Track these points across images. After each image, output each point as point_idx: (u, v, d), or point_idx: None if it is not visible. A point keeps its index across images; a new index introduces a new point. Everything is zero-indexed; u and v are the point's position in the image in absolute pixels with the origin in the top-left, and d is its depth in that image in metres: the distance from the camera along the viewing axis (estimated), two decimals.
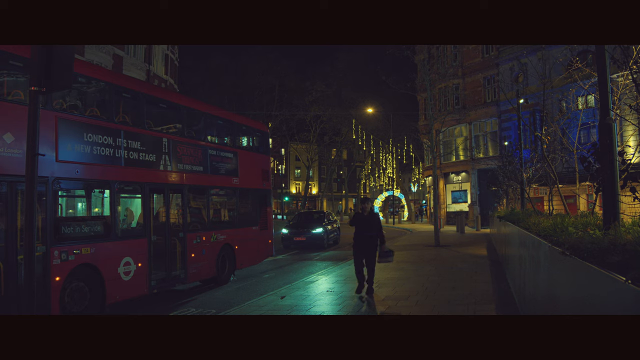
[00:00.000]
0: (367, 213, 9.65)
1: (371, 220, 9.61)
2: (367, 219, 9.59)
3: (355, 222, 9.73)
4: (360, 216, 9.67)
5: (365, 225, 9.54)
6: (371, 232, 9.51)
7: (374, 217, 9.76)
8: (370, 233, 9.50)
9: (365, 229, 9.53)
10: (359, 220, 9.64)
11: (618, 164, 4.38)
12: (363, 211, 9.70)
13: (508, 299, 8.66)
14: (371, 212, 9.78)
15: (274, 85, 50.05)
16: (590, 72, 8.71)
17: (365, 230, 9.53)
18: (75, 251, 8.10)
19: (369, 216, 9.65)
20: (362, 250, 9.49)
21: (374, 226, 9.59)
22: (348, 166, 72.90)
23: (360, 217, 9.65)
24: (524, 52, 22.55)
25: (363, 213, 9.67)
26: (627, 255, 2.89)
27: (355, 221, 9.74)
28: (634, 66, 4.31)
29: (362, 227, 9.56)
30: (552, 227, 5.29)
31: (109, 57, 26.26)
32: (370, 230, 9.52)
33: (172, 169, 10.76)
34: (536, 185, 14.67)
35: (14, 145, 7.10)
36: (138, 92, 10.35)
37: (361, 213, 9.71)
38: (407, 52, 20.10)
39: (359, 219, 9.66)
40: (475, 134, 35.17)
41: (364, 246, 9.49)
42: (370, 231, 9.51)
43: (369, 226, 9.54)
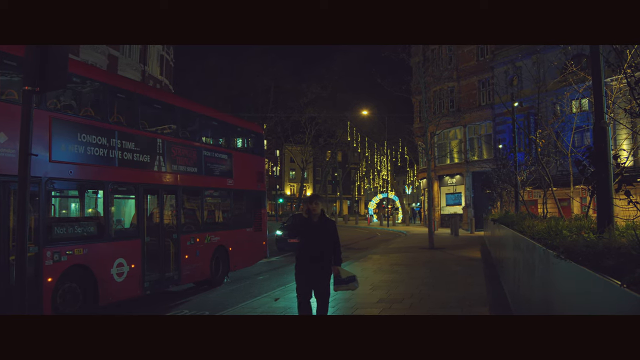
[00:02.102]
0: (317, 218, 6.23)
1: (322, 228, 6.20)
2: (315, 227, 6.18)
3: (297, 232, 6.47)
4: (306, 223, 6.22)
5: (313, 238, 6.16)
6: (322, 247, 6.16)
7: (326, 225, 6.25)
8: (320, 249, 6.15)
9: (313, 242, 6.15)
10: (303, 229, 6.27)
11: (612, 167, 4.40)
12: (310, 215, 6.22)
13: (502, 302, 8.67)
14: (322, 217, 6.28)
15: (270, 86, 50.11)
16: (584, 76, 8.75)
17: (312, 244, 6.15)
18: (68, 252, 8.05)
19: (320, 223, 6.22)
20: (309, 277, 6.15)
21: (327, 238, 6.21)
22: (343, 168, 72.95)
23: (306, 224, 6.22)
24: (519, 56, 22.64)
25: (310, 218, 6.22)
26: (622, 259, 2.89)
27: (296, 230, 6.50)
28: (629, 70, 4.33)
29: (309, 240, 6.19)
30: (547, 230, 5.30)
31: (103, 58, 26.15)
32: (320, 245, 6.15)
33: (167, 170, 10.72)
34: (530, 188, 14.70)
35: (6, 145, 7.05)
36: (133, 92, 10.31)
37: (307, 218, 6.23)
38: (403, 55, 20.15)
39: (303, 227, 6.27)
40: (470, 137, 35.26)
41: (311, 270, 6.13)
42: (320, 246, 6.15)
43: (319, 238, 6.16)
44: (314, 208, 6.21)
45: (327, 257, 6.20)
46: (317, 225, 6.21)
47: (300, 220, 6.33)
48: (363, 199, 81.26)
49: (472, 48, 34.72)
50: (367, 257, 17.20)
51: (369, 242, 27.40)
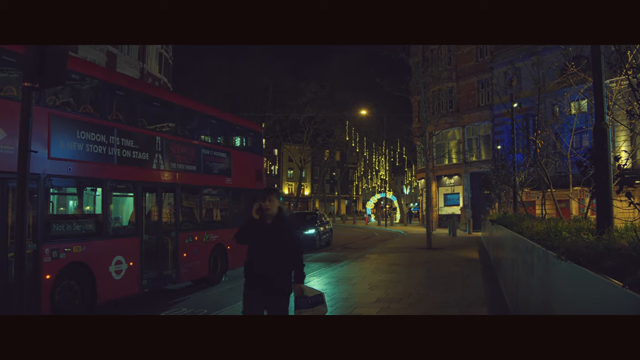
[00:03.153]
0: (272, 220, 4.78)
1: (278, 233, 4.75)
2: (269, 231, 4.74)
3: (244, 237, 4.86)
4: (257, 224, 4.75)
5: (266, 245, 4.70)
6: (277, 257, 4.68)
7: (282, 226, 4.80)
8: (274, 260, 4.66)
9: (265, 251, 4.69)
10: (254, 232, 4.78)
11: (613, 168, 4.39)
12: (263, 214, 4.75)
13: (500, 302, 8.68)
14: (279, 218, 4.82)
15: (268, 85, 50.05)
16: (585, 77, 8.75)
17: (264, 254, 4.70)
18: (66, 249, 8.03)
19: (275, 224, 4.78)
20: (258, 297, 4.70)
21: (284, 245, 4.75)
22: (341, 168, 73.04)
23: (257, 225, 4.75)
24: (519, 57, 22.63)
25: (264, 219, 4.75)
26: (623, 260, 2.89)
27: (246, 233, 4.85)
28: (630, 71, 4.32)
29: (259, 247, 4.74)
30: (546, 231, 5.29)
31: (102, 55, 26.09)
32: (274, 255, 4.68)
33: (165, 168, 10.70)
34: (528, 189, 14.73)
35: (5, 142, 7.03)
36: (132, 90, 10.29)
37: (258, 219, 4.74)
38: (402, 55, 20.14)
39: (252, 230, 4.80)
40: (469, 138, 35.30)
41: (263, 285, 4.66)
42: (274, 256, 4.68)
43: (273, 246, 4.70)
44: (268, 206, 4.72)
45: (283, 271, 4.71)
46: (271, 229, 4.72)
47: (250, 222, 4.77)
48: (361, 199, 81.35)
49: (471, 49, 34.72)
50: (364, 257, 17.21)
51: (367, 241, 27.41)
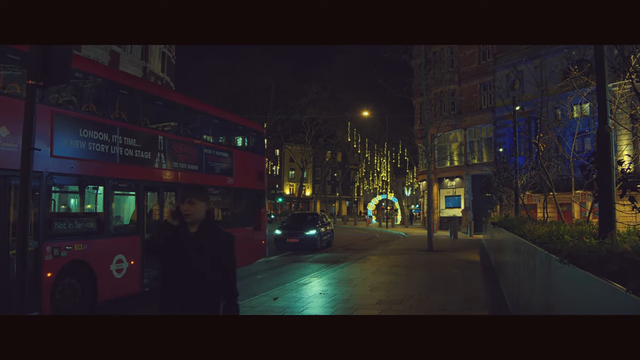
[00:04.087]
0: (196, 228, 3.38)
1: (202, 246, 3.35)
2: (190, 242, 3.34)
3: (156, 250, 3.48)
4: (176, 233, 3.35)
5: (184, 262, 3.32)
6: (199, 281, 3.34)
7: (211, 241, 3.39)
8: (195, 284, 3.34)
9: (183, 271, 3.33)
10: (166, 246, 3.37)
11: (615, 172, 4.38)
12: (182, 221, 3.36)
13: (501, 305, 8.67)
14: (206, 226, 3.42)
15: (270, 86, 50.05)
16: (588, 81, 8.75)
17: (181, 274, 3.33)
18: (67, 247, 8.04)
19: (200, 236, 3.38)
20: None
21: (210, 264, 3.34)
22: (342, 169, 72.99)
23: (176, 235, 3.35)
24: (522, 59, 22.65)
25: (183, 227, 3.36)
26: (626, 265, 2.88)
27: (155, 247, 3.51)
28: (633, 75, 4.32)
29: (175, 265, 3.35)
30: (548, 235, 5.27)
31: (105, 53, 26.11)
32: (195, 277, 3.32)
33: (167, 167, 10.70)
34: (530, 192, 14.72)
35: (8, 139, 7.04)
36: (134, 88, 10.30)
37: (178, 226, 3.36)
38: (405, 56, 20.10)
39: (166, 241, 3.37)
40: (470, 140, 35.26)
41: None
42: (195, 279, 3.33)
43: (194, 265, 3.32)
44: (188, 210, 3.35)
45: (207, 299, 3.45)
46: (194, 240, 3.36)
47: (162, 230, 3.44)
48: (362, 200, 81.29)
49: (473, 51, 34.71)
50: (365, 258, 17.19)
51: (368, 243, 27.40)
